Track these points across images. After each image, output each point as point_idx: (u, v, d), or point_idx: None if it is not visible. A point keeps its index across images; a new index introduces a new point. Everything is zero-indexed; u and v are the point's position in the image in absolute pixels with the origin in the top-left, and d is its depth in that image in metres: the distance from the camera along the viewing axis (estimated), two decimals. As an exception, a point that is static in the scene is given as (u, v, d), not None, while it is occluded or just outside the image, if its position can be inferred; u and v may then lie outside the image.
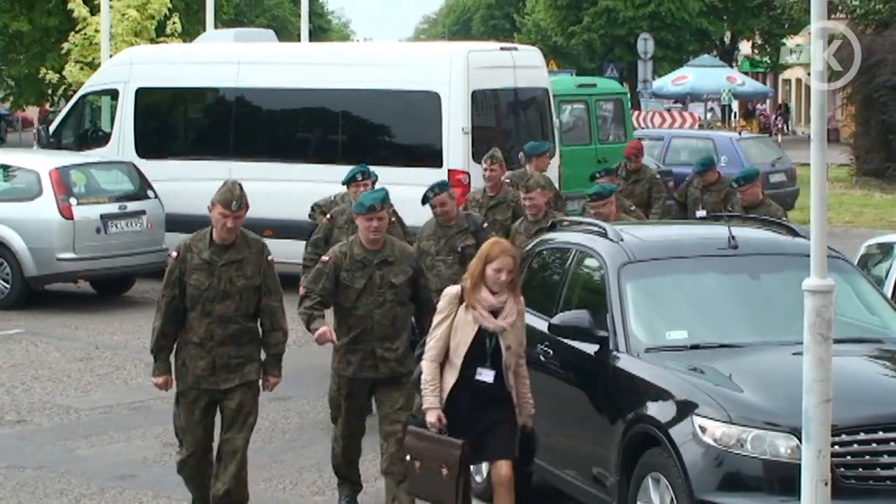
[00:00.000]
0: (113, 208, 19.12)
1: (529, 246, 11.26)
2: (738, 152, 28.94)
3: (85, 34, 32.54)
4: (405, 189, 14.11)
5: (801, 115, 63.50)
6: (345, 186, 12.66)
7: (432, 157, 18.04)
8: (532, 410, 8.17)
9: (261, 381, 8.81)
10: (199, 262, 8.25)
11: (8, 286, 18.70)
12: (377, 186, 11.73)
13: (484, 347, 7.80)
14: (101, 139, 21.84)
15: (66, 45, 34.07)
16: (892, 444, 7.68)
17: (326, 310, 9.17)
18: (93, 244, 18.80)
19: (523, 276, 10.79)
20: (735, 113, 50.53)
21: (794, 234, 10.12)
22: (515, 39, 56.98)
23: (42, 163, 19.49)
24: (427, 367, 7.91)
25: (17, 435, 12.37)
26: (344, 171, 16.99)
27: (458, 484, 7.64)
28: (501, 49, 21.55)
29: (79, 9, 32.83)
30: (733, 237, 9.63)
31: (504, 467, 7.79)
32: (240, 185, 8.51)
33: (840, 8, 39.56)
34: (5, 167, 19.76)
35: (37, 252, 18.54)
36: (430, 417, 7.79)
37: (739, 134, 33.93)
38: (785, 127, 59.53)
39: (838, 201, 29.35)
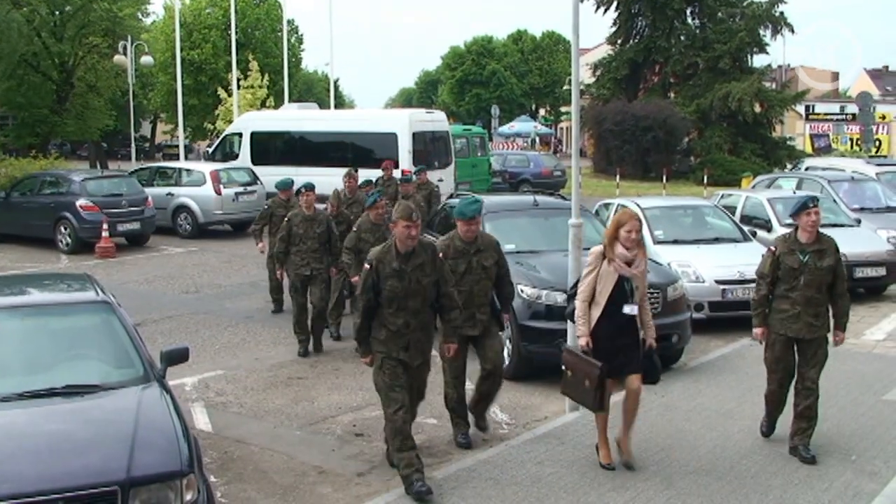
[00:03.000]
0: (240, 189, 18.62)
1: (441, 204, 11.17)
2: (539, 161, 28.81)
3: (225, 106, 31.88)
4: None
5: (568, 143, 63.67)
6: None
7: (395, 163, 17.68)
8: (654, 334, 5.74)
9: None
10: (391, 271, 5.41)
11: (190, 227, 18.34)
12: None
13: (624, 289, 5.54)
14: (234, 156, 21.31)
15: (217, 112, 33.77)
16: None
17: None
18: (231, 206, 18.40)
19: (440, 218, 10.72)
20: (537, 143, 50.17)
21: (564, 199, 10.11)
22: (433, 107, 56.38)
23: (206, 167, 19.08)
24: (580, 305, 5.61)
25: (194, 298, 12.18)
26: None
27: (596, 392, 5.53)
28: (426, 112, 21.16)
29: (223, 93, 32.31)
30: (536, 200, 9.67)
31: (635, 381, 5.60)
32: (413, 203, 6.12)
33: (586, 91, 39.24)
34: (188, 170, 19.26)
35: (203, 211, 18.20)
36: (581, 342, 5.60)
37: (540, 152, 33.90)
38: (560, 149, 59.44)
39: (585, 184, 29.35)
